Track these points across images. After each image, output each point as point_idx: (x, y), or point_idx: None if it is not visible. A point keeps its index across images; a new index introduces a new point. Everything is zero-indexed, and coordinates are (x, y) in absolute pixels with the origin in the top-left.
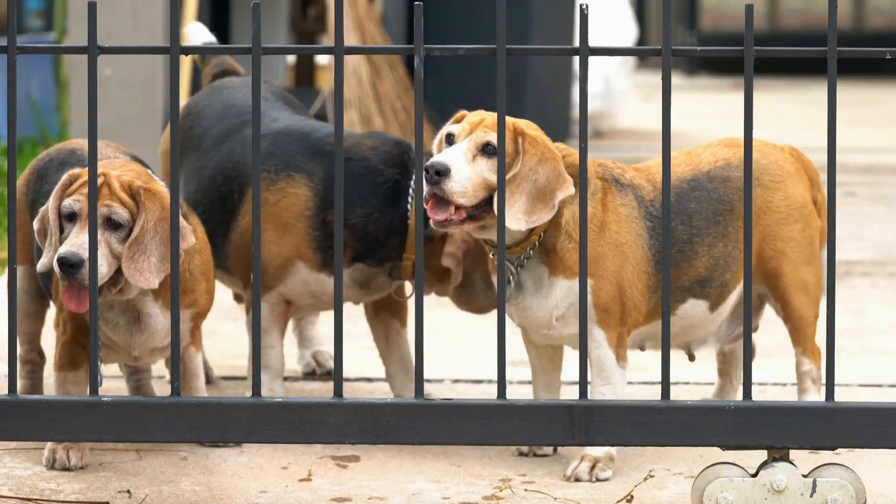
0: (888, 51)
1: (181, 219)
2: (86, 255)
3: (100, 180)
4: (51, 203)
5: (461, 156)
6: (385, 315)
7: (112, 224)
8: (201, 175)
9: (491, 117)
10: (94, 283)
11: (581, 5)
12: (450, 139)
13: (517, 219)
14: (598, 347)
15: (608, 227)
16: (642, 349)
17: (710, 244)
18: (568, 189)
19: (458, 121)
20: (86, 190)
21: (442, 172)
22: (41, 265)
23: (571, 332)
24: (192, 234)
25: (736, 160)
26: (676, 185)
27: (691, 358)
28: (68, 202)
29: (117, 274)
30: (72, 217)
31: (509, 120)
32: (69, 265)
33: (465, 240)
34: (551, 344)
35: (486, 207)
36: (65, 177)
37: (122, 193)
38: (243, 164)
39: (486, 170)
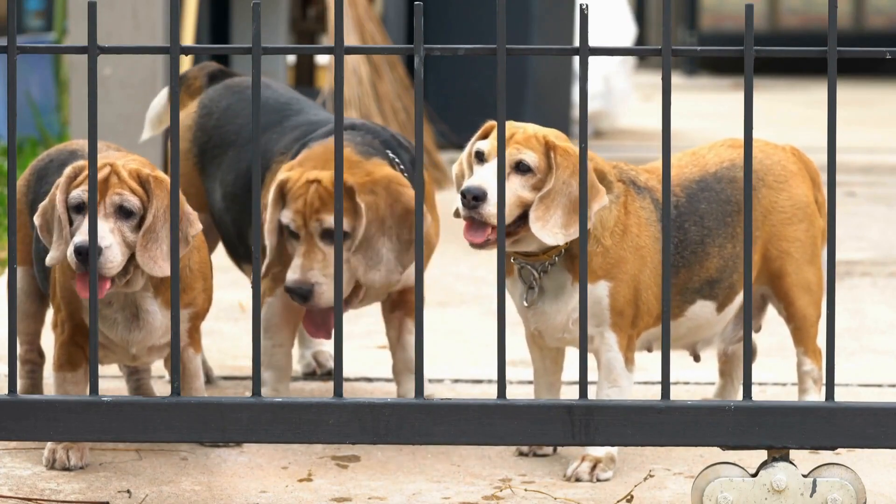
0: (888, 51)
1: (186, 205)
2: (104, 243)
3: (106, 170)
4: (58, 196)
5: (495, 177)
6: (400, 313)
7: (123, 212)
8: (238, 167)
9: (521, 132)
10: (93, 281)
11: (581, 5)
12: (479, 156)
13: (554, 233)
14: (608, 350)
15: (629, 230)
16: (650, 350)
17: (720, 245)
18: (602, 200)
19: (486, 134)
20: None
21: (479, 197)
22: (51, 259)
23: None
24: (198, 221)
25: (741, 160)
26: (686, 186)
27: (697, 359)
28: (77, 193)
29: (126, 264)
30: (80, 208)
31: (539, 132)
32: (87, 254)
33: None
34: (562, 346)
35: (520, 223)
36: (69, 169)
37: (131, 181)
38: (274, 154)
39: (519, 188)
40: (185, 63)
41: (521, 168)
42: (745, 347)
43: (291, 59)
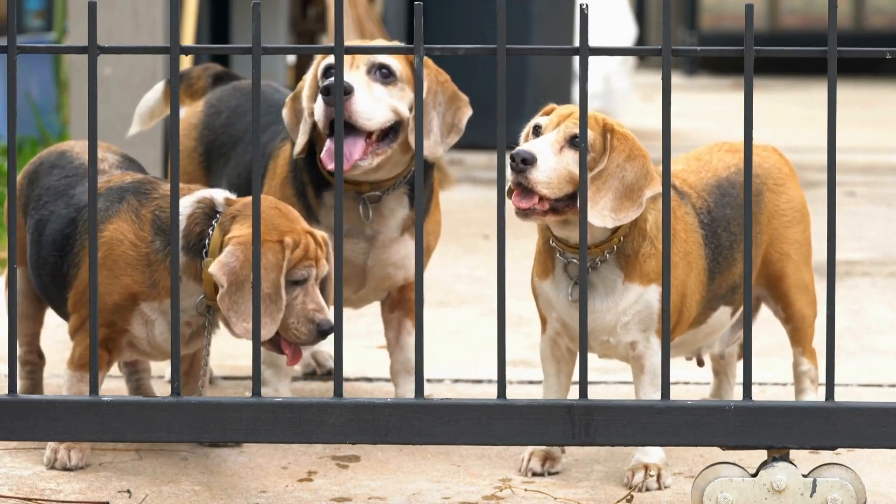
0: (888, 51)
1: None
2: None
3: (311, 240)
4: (280, 277)
5: (548, 146)
6: (399, 314)
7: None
8: (244, 160)
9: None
10: (94, 285)
11: (581, 5)
12: (537, 131)
13: (603, 216)
14: (654, 355)
15: (678, 235)
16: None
17: (743, 250)
18: (656, 187)
19: (547, 113)
20: (310, 257)
21: (528, 161)
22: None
23: (630, 340)
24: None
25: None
26: (711, 192)
27: (700, 363)
28: (302, 272)
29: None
30: (301, 282)
31: (598, 115)
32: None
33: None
34: (607, 355)
35: (569, 202)
36: (289, 245)
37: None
38: (275, 145)
39: (572, 163)
40: (185, 63)
41: (576, 143)
42: (746, 347)
43: (291, 59)
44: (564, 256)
